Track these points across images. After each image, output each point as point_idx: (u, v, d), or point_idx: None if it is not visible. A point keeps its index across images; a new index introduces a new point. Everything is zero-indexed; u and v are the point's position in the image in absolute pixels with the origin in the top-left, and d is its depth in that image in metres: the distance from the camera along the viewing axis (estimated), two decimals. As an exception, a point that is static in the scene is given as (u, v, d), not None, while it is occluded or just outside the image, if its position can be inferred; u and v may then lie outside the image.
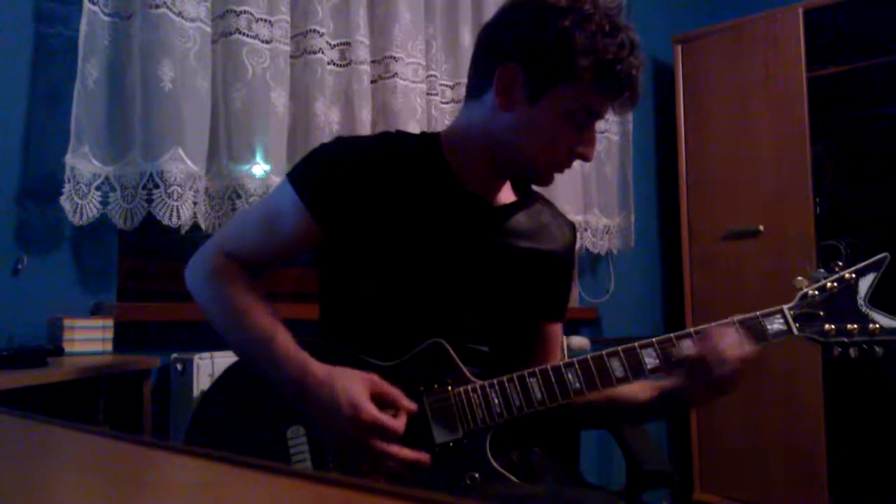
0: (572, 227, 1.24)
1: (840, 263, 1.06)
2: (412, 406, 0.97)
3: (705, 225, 2.78)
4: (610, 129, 2.69)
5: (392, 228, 1.05)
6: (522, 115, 1.02)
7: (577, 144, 1.04)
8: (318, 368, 0.96)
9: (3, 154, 1.45)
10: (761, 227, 2.62)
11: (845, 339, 1.03)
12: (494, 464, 0.99)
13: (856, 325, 1.03)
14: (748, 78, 2.70)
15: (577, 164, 1.08)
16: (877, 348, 1.03)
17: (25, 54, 1.49)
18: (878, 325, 1.02)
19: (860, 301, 1.04)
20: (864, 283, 1.04)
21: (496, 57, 1.02)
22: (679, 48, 2.88)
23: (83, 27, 1.46)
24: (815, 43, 2.61)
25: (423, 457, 0.96)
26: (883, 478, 2.55)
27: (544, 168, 1.07)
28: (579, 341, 2.12)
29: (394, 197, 1.06)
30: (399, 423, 0.94)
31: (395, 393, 0.96)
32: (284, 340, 0.99)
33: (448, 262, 1.07)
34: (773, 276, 2.52)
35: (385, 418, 0.93)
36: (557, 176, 1.10)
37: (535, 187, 1.21)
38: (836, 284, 1.04)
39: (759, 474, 2.58)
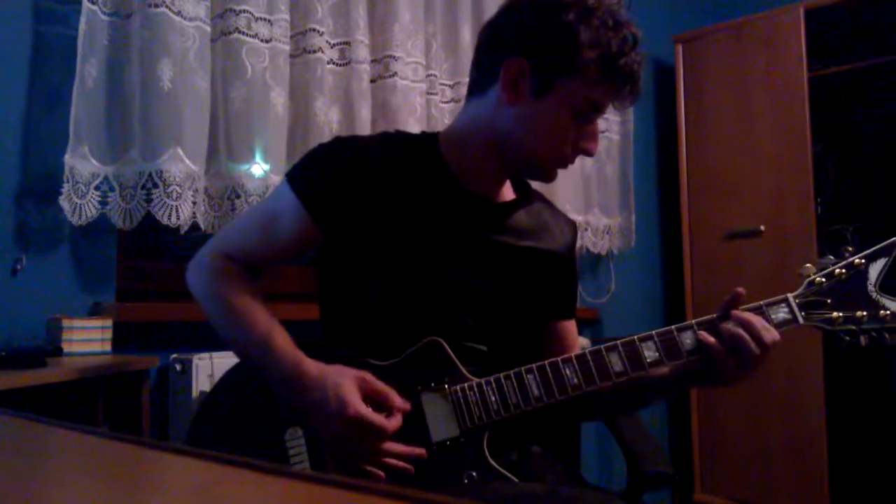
0: (573, 225, 1.24)
1: (850, 248, 1.02)
2: (404, 405, 0.97)
3: (706, 225, 2.77)
4: (611, 129, 2.69)
5: (390, 228, 1.05)
6: (527, 109, 1.02)
7: (580, 139, 1.05)
8: (312, 367, 0.97)
9: (2, 154, 1.45)
10: (762, 227, 2.62)
11: (854, 327, 1.00)
12: (492, 462, 0.99)
13: (865, 313, 0.99)
14: (749, 77, 2.70)
15: (577, 163, 1.09)
16: (887, 335, 0.99)
17: (24, 54, 1.49)
18: (888, 312, 0.99)
19: (870, 287, 1.00)
20: (875, 269, 1.00)
21: (501, 52, 1.03)
22: (680, 48, 2.87)
23: (82, 26, 1.46)
24: (817, 42, 2.61)
25: (418, 451, 0.96)
26: (884, 480, 2.54)
27: (548, 163, 1.07)
28: (580, 342, 2.11)
29: (392, 196, 1.06)
30: (386, 421, 0.94)
31: (386, 391, 0.96)
32: (281, 340, 0.99)
33: (446, 260, 1.07)
34: (774, 276, 2.51)
35: (371, 414, 0.93)
36: (558, 174, 1.10)
37: (534, 186, 1.20)
38: (844, 271, 1.01)
39: (759, 475, 2.58)
